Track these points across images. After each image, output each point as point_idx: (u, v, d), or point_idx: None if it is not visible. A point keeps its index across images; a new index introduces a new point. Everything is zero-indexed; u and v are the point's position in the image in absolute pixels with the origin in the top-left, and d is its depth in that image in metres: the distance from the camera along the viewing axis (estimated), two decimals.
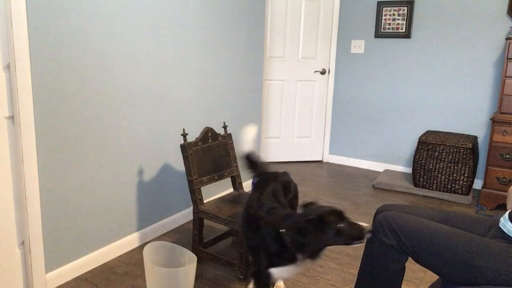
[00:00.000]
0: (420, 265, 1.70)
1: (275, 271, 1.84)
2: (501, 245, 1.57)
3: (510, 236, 1.61)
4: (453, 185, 3.75)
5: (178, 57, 2.85)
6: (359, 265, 1.85)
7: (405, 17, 4.25)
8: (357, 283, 1.85)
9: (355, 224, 1.70)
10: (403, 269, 1.73)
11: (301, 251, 1.71)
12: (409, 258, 1.71)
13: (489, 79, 3.96)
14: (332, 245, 1.70)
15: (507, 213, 1.68)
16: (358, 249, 1.82)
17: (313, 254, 1.70)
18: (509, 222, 1.64)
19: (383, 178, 4.18)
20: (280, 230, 1.75)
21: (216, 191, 3.11)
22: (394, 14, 4.32)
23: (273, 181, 2.15)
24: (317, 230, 1.66)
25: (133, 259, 2.58)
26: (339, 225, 1.66)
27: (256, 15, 3.60)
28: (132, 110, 2.57)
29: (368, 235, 1.66)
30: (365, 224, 1.69)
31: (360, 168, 4.72)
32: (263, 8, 3.68)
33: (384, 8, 4.35)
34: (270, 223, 1.82)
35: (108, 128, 2.44)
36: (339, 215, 1.70)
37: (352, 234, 1.67)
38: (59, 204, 2.24)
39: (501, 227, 1.66)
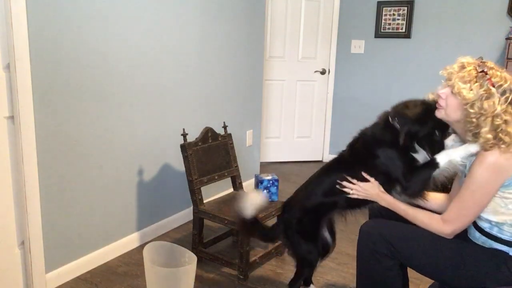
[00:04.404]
0: (414, 270, 1.71)
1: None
2: (482, 250, 1.60)
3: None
4: None
5: (178, 57, 2.85)
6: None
7: (405, 17, 4.25)
8: None
9: (443, 144, 1.71)
10: (400, 273, 1.72)
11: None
12: None
13: None
14: (421, 140, 1.72)
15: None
16: None
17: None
18: (473, 228, 1.66)
19: None
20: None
21: (216, 191, 3.10)
22: (394, 14, 4.32)
23: None
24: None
25: (133, 259, 2.58)
26: (437, 132, 1.69)
27: (256, 15, 3.60)
28: (132, 110, 2.57)
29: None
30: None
31: None
32: (263, 8, 3.68)
33: (384, 8, 4.35)
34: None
35: (108, 128, 2.44)
36: (444, 128, 1.70)
37: (435, 148, 1.69)
38: (59, 204, 2.23)
39: (469, 236, 1.69)
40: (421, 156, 1.77)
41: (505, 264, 1.53)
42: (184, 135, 2.45)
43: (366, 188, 1.78)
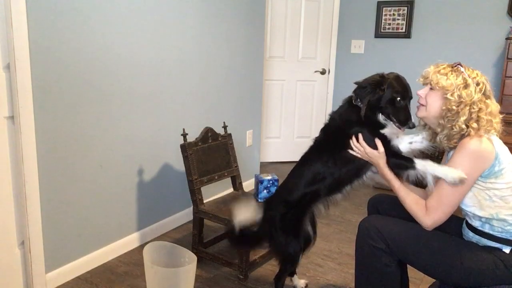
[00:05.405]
0: (412, 266, 1.71)
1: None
2: (479, 247, 1.62)
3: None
4: None
5: (178, 57, 2.85)
6: None
7: (405, 17, 4.25)
8: None
9: (408, 111, 1.73)
10: (398, 269, 1.72)
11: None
12: None
13: (489, 79, 3.95)
14: (384, 110, 1.74)
15: (464, 222, 1.73)
16: None
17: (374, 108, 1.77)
18: (466, 229, 1.70)
19: None
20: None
21: (216, 191, 3.10)
22: (394, 14, 4.32)
23: None
24: (376, 86, 1.75)
25: (133, 259, 2.58)
26: (397, 97, 1.72)
27: (256, 15, 3.60)
28: (132, 110, 2.57)
29: (410, 126, 1.73)
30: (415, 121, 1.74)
31: None
32: (263, 8, 3.68)
33: (384, 8, 4.35)
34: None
35: (108, 128, 2.44)
36: (404, 93, 1.74)
37: (399, 115, 1.71)
38: (59, 204, 2.23)
39: (464, 238, 1.71)
40: (389, 130, 1.79)
41: (502, 261, 1.54)
42: (184, 135, 2.45)
43: (371, 156, 1.78)
